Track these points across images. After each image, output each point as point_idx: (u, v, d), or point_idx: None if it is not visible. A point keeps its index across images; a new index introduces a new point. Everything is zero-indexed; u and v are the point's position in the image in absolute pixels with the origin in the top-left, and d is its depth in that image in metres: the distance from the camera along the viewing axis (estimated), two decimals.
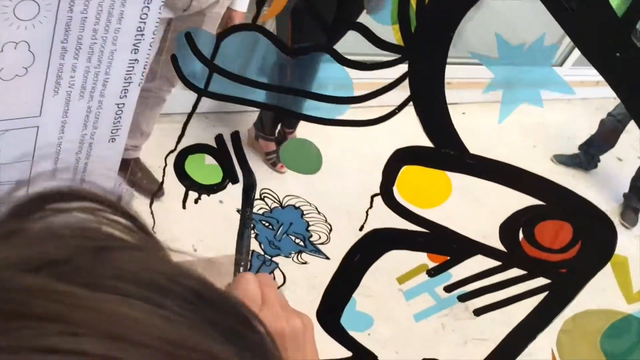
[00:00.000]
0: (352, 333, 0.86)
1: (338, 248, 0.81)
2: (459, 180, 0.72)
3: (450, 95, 0.66)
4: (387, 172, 0.73)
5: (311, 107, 0.70)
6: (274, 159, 2.84)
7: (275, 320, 0.52)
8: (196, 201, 0.82)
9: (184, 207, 0.84)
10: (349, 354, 0.87)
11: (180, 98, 0.68)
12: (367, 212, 0.78)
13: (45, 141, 0.70)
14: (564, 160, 3.55)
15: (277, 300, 0.55)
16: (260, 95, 0.72)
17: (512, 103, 0.69)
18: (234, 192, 0.80)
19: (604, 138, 3.46)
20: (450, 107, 0.68)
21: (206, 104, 0.67)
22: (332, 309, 0.84)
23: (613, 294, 0.76)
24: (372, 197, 0.76)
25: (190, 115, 0.75)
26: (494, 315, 0.81)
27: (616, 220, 3.29)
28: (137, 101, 0.72)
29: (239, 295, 0.53)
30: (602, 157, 3.58)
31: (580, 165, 3.54)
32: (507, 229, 0.74)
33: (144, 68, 0.71)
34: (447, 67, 0.65)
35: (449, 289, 0.80)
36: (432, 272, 0.80)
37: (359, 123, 0.72)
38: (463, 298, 0.81)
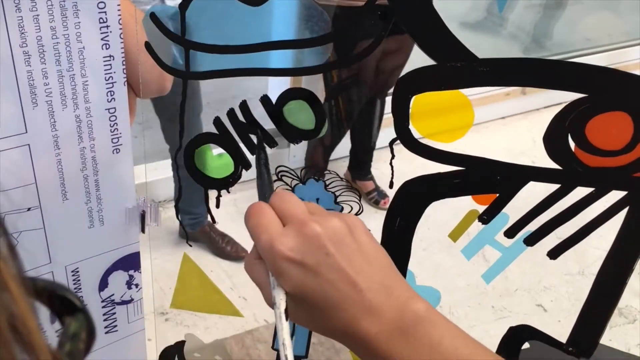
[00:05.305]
0: None
1: (373, 217, 0.72)
2: None
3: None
4: (396, 108, 0.64)
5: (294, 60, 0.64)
6: (376, 197, 2.79)
7: (300, 228, 0.47)
8: (217, 204, 0.77)
9: (212, 220, 0.79)
10: None
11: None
12: (390, 163, 0.68)
13: (43, 160, 0.69)
14: None
15: (301, 210, 0.50)
16: (247, 60, 0.67)
17: None
18: None
19: None
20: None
21: (297, 159, 0.63)
22: None
23: None
24: (391, 144, 0.67)
25: (182, 104, 0.71)
26: None
27: None
28: None
29: (256, 228, 0.49)
30: None
31: None
32: (552, 139, 0.61)
33: (123, 65, 0.68)
34: None
35: (510, 232, 0.68)
36: (485, 217, 0.68)
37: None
38: (530, 240, 0.68)
